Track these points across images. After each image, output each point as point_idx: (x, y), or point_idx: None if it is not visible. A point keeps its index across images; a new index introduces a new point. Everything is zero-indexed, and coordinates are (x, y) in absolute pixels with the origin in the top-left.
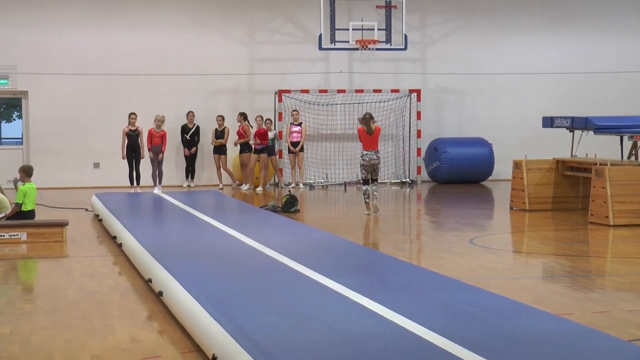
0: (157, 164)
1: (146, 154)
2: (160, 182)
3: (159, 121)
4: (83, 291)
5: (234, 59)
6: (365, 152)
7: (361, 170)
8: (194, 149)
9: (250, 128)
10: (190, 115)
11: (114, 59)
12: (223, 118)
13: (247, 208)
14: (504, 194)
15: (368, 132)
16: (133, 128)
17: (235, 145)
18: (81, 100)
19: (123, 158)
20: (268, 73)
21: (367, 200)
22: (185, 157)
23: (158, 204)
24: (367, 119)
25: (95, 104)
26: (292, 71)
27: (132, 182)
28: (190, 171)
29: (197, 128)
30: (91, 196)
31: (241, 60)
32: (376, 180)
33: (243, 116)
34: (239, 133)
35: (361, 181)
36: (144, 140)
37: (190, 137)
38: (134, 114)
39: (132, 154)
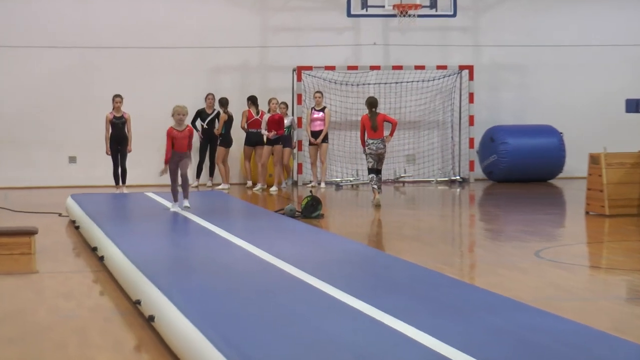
0: (180, 174)
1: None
2: (187, 196)
3: (181, 114)
4: (57, 314)
5: (243, 29)
6: (372, 141)
7: (367, 159)
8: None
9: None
10: (209, 98)
11: (95, 30)
12: (217, 101)
13: (258, 212)
14: (578, 195)
15: (373, 120)
16: (118, 114)
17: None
18: (55, 80)
19: (107, 153)
20: (284, 46)
21: (374, 186)
22: (200, 150)
23: (148, 207)
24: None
25: (71, 84)
26: (313, 44)
27: (117, 182)
28: (209, 167)
29: (218, 114)
30: (66, 197)
31: (251, 31)
32: (380, 171)
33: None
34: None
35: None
36: (131, 130)
37: (207, 124)
38: (119, 96)
39: (118, 146)
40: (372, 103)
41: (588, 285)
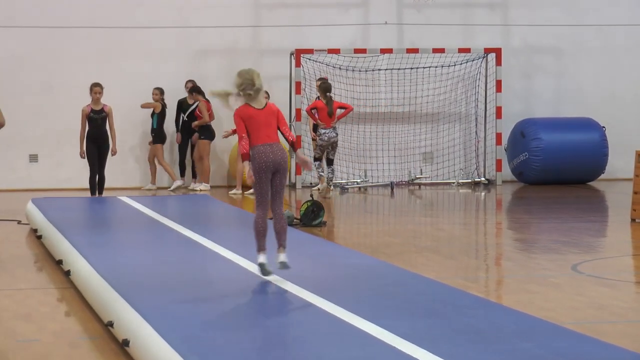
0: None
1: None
2: (283, 244)
3: (247, 87)
4: (14, 339)
5: (232, 6)
6: (324, 131)
7: (316, 150)
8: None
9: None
10: (189, 87)
11: (58, 6)
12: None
13: (249, 220)
14: (622, 199)
15: (330, 106)
16: (97, 107)
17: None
18: (10, 65)
19: (82, 156)
20: (281, 25)
21: (321, 173)
22: (180, 146)
23: (122, 214)
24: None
25: (31, 70)
26: (315, 23)
27: (93, 192)
28: (191, 167)
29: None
30: (26, 202)
31: (241, 7)
32: (333, 161)
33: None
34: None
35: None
36: (114, 126)
37: (188, 117)
38: (98, 85)
39: (96, 147)
40: (327, 88)
41: (635, 305)
